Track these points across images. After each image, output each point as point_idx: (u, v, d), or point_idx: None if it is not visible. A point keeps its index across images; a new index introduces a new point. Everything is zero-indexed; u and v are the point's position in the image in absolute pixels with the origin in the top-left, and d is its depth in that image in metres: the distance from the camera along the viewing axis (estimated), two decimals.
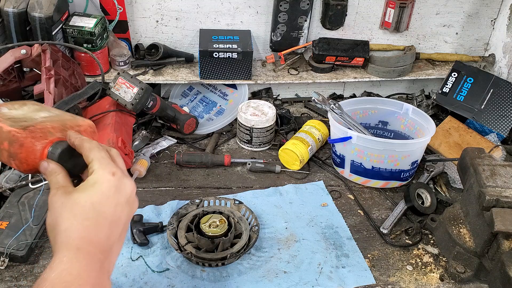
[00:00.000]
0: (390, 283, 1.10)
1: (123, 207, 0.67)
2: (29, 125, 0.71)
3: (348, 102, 1.48)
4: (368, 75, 1.71)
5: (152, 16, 1.59)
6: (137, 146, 1.44)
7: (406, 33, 1.74)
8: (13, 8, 1.36)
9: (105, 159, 0.68)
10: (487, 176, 1.10)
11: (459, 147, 1.49)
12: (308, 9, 1.61)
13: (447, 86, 1.64)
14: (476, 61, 1.79)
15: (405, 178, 1.38)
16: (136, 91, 1.37)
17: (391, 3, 1.64)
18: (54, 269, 0.60)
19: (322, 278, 1.09)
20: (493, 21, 1.76)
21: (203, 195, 1.31)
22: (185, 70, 1.64)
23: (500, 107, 1.58)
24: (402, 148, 1.30)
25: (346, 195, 1.35)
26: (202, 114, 1.62)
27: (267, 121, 1.46)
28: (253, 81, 1.63)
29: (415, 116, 1.45)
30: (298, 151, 1.40)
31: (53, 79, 1.31)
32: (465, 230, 1.13)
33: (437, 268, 1.14)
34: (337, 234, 1.21)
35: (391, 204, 1.33)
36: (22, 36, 1.41)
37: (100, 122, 1.38)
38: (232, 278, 1.07)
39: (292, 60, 1.71)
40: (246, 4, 1.61)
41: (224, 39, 1.57)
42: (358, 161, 1.34)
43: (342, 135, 1.33)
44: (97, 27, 1.47)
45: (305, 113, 1.72)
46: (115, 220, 0.66)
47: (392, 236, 1.23)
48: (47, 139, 0.72)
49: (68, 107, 1.30)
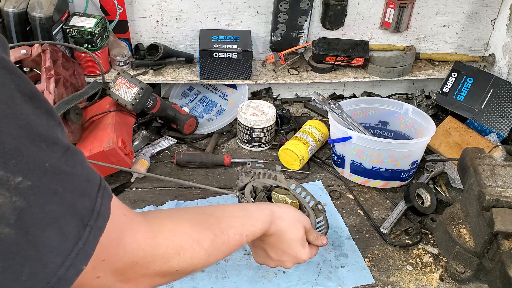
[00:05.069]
0: (390, 283, 1.09)
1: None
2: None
3: (348, 102, 1.47)
4: (368, 75, 1.71)
5: (152, 16, 1.59)
6: (137, 146, 1.44)
7: (406, 33, 1.74)
8: (13, 8, 1.37)
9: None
10: (487, 176, 1.10)
11: (459, 147, 1.49)
12: (308, 9, 1.61)
13: (447, 86, 1.63)
14: (476, 61, 1.79)
15: (405, 178, 1.38)
16: (136, 91, 1.37)
17: (391, 3, 1.64)
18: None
19: (321, 278, 1.09)
20: (493, 21, 1.76)
21: (203, 195, 1.31)
22: (185, 70, 1.64)
23: (500, 107, 1.57)
24: (402, 148, 1.30)
25: (346, 195, 1.35)
26: (202, 114, 1.62)
27: (267, 121, 1.46)
28: (253, 81, 1.63)
29: (415, 116, 1.45)
30: (298, 151, 1.40)
31: (53, 79, 1.31)
32: (465, 230, 1.13)
33: (437, 268, 1.14)
34: (336, 234, 1.21)
35: (391, 204, 1.33)
36: (22, 36, 1.41)
37: (100, 122, 1.38)
38: (231, 278, 1.07)
39: (292, 60, 1.71)
40: (246, 4, 1.61)
41: (224, 39, 1.57)
42: (358, 161, 1.34)
43: (342, 135, 1.33)
44: (97, 27, 1.47)
45: (305, 113, 1.72)
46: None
47: (392, 236, 1.22)
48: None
49: (68, 107, 1.30)
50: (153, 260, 0.58)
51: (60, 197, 0.47)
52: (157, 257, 0.58)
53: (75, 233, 0.48)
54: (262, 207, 0.83)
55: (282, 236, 0.83)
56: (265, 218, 0.80)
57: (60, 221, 0.47)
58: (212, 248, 0.66)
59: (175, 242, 0.61)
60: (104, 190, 0.53)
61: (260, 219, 0.79)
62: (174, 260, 0.60)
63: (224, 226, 0.70)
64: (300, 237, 0.86)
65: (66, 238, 0.48)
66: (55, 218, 0.47)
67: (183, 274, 0.63)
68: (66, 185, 0.48)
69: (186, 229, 0.64)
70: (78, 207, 0.49)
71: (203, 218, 0.69)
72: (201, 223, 0.67)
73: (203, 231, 0.66)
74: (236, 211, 0.77)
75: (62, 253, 0.48)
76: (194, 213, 0.71)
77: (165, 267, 0.60)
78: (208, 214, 0.71)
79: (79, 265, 0.49)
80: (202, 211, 0.72)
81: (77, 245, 0.49)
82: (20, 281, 0.45)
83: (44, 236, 0.46)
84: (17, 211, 0.43)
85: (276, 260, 0.88)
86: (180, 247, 0.61)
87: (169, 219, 0.63)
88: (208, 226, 0.68)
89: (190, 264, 0.63)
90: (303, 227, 0.88)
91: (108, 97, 1.43)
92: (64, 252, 0.48)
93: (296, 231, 0.85)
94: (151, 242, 0.58)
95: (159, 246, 0.59)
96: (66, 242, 0.48)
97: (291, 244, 0.85)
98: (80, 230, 0.49)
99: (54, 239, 0.47)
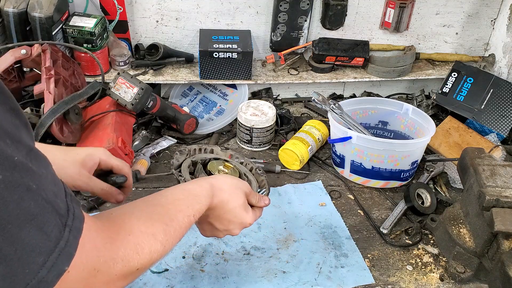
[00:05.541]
0: (390, 283, 1.09)
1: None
2: None
3: (348, 102, 1.47)
4: (368, 75, 1.71)
5: (152, 16, 1.59)
6: (137, 146, 1.44)
7: (406, 33, 1.74)
8: (13, 8, 1.37)
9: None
10: (487, 176, 1.10)
11: (459, 147, 1.49)
12: (308, 9, 1.61)
13: (447, 86, 1.63)
14: (476, 61, 1.79)
15: (405, 178, 1.37)
16: (136, 91, 1.37)
17: (391, 3, 1.64)
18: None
19: (321, 278, 1.09)
20: (493, 21, 1.76)
21: None
22: (185, 70, 1.64)
23: (500, 107, 1.57)
24: (402, 148, 1.30)
25: (346, 195, 1.35)
26: (202, 114, 1.62)
27: (267, 121, 1.46)
28: (253, 81, 1.63)
29: (415, 116, 1.45)
30: (298, 151, 1.40)
31: (53, 79, 1.31)
32: (465, 230, 1.13)
33: (437, 268, 1.14)
34: (336, 234, 1.21)
35: (391, 204, 1.33)
36: (22, 36, 1.41)
37: (100, 122, 1.38)
38: (231, 278, 1.07)
39: (292, 60, 1.71)
40: (246, 4, 1.61)
41: (224, 39, 1.57)
42: (358, 161, 1.34)
43: (342, 135, 1.33)
44: (97, 27, 1.47)
45: (305, 113, 1.72)
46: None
47: (392, 236, 1.22)
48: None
49: (68, 107, 1.30)
50: (113, 264, 0.57)
51: (35, 193, 0.46)
52: (117, 260, 0.58)
53: (56, 232, 0.47)
54: (201, 183, 0.84)
55: (225, 206, 0.85)
56: (206, 193, 0.81)
57: (38, 218, 0.46)
58: (166, 237, 0.67)
59: (132, 242, 0.61)
60: (71, 196, 0.52)
61: (202, 195, 0.80)
62: (134, 260, 0.60)
63: (172, 212, 0.72)
64: (242, 203, 0.88)
65: (47, 236, 0.46)
66: (33, 215, 0.45)
67: (143, 271, 0.63)
68: (37, 182, 0.46)
69: (139, 226, 0.64)
70: (55, 206, 0.48)
71: (151, 210, 0.69)
72: (151, 215, 0.68)
73: (155, 223, 0.66)
74: (179, 193, 0.78)
75: (44, 252, 0.46)
76: (142, 206, 0.70)
77: (126, 269, 0.59)
78: (155, 205, 0.72)
79: (61, 265, 0.48)
80: (149, 203, 0.72)
81: (59, 245, 0.47)
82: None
83: (23, 234, 0.44)
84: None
85: (223, 230, 0.89)
86: (138, 245, 0.61)
87: (121, 219, 0.63)
88: (158, 218, 0.68)
89: (149, 259, 0.63)
90: (243, 192, 0.89)
91: (108, 97, 1.43)
92: (46, 251, 0.46)
93: (237, 198, 0.87)
94: (109, 246, 0.57)
95: (118, 248, 0.58)
96: (48, 241, 0.46)
97: (234, 211, 0.86)
98: (61, 230, 0.48)
99: (34, 238, 0.45)
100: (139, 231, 0.63)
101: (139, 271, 0.62)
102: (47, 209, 0.47)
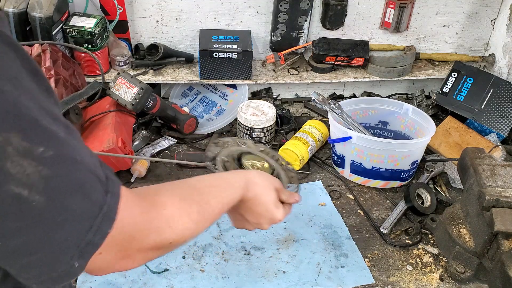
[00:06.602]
0: (390, 283, 1.09)
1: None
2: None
3: (348, 102, 1.47)
4: (368, 75, 1.71)
5: (152, 16, 1.59)
6: (137, 146, 1.44)
7: (406, 33, 1.74)
8: (13, 8, 1.37)
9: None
10: (487, 176, 1.10)
11: (459, 147, 1.49)
12: (308, 9, 1.61)
13: (447, 86, 1.63)
14: (476, 61, 1.79)
15: (405, 178, 1.37)
16: (136, 91, 1.37)
17: (391, 3, 1.64)
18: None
19: (321, 278, 1.09)
20: (493, 21, 1.76)
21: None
22: (185, 70, 1.64)
23: (500, 107, 1.57)
24: (402, 148, 1.30)
25: (346, 195, 1.35)
26: (202, 114, 1.62)
27: (267, 121, 1.46)
28: (253, 81, 1.63)
29: (415, 116, 1.45)
30: (298, 151, 1.40)
31: (53, 79, 1.31)
32: (465, 230, 1.13)
33: (437, 268, 1.14)
34: (336, 234, 1.21)
35: (391, 204, 1.33)
36: (22, 36, 1.41)
37: (100, 122, 1.38)
38: (231, 278, 1.07)
39: (292, 60, 1.71)
40: (246, 4, 1.61)
41: (224, 39, 1.57)
42: (358, 161, 1.34)
43: (342, 135, 1.33)
44: (97, 27, 1.47)
45: (305, 113, 1.72)
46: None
47: (392, 236, 1.22)
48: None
49: (68, 107, 1.30)
50: (148, 233, 0.61)
51: (81, 165, 0.51)
52: (152, 230, 0.61)
53: (100, 198, 0.52)
54: (237, 175, 0.88)
55: (258, 200, 0.87)
56: (241, 185, 0.84)
57: (85, 186, 0.51)
58: (199, 218, 0.70)
59: (165, 215, 0.65)
60: (105, 165, 0.56)
61: (237, 186, 0.83)
62: (167, 233, 0.64)
63: (207, 197, 0.75)
64: (273, 198, 0.90)
65: (93, 203, 0.51)
66: (81, 185, 0.50)
67: (176, 245, 0.67)
68: (81, 154, 0.51)
69: (174, 203, 0.67)
70: (98, 174, 0.53)
71: (187, 191, 0.73)
72: (187, 196, 0.71)
73: (190, 202, 0.70)
74: (215, 180, 0.82)
75: (90, 217, 0.51)
76: (179, 187, 0.74)
77: (158, 240, 0.62)
78: (191, 187, 0.75)
79: (105, 228, 0.52)
80: (185, 184, 0.76)
81: (102, 209, 0.52)
82: (52, 246, 0.49)
83: (73, 202, 0.49)
84: (44, 180, 0.47)
85: (253, 223, 0.91)
86: (172, 220, 0.65)
87: (158, 195, 0.67)
88: (193, 198, 0.72)
89: (181, 236, 0.66)
90: (275, 188, 0.91)
91: (108, 97, 1.43)
92: (92, 216, 0.51)
93: (270, 193, 0.89)
94: (145, 216, 0.61)
95: (152, 219, 0.62)
96: (93, 207, 0.51)
97: (266, 206, 0.89)
98: (104, 196, 0.52)
99: (82, 205, 0.50)
100: (174, 207, 0.66)
101: (172, 245, 0.65)
102: (91, 178, 0.52)
